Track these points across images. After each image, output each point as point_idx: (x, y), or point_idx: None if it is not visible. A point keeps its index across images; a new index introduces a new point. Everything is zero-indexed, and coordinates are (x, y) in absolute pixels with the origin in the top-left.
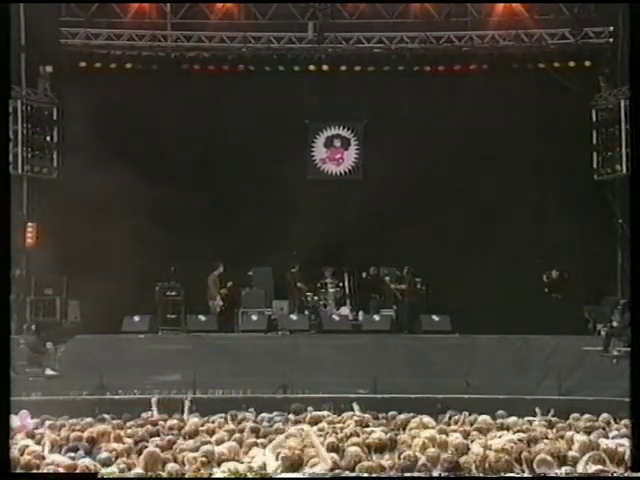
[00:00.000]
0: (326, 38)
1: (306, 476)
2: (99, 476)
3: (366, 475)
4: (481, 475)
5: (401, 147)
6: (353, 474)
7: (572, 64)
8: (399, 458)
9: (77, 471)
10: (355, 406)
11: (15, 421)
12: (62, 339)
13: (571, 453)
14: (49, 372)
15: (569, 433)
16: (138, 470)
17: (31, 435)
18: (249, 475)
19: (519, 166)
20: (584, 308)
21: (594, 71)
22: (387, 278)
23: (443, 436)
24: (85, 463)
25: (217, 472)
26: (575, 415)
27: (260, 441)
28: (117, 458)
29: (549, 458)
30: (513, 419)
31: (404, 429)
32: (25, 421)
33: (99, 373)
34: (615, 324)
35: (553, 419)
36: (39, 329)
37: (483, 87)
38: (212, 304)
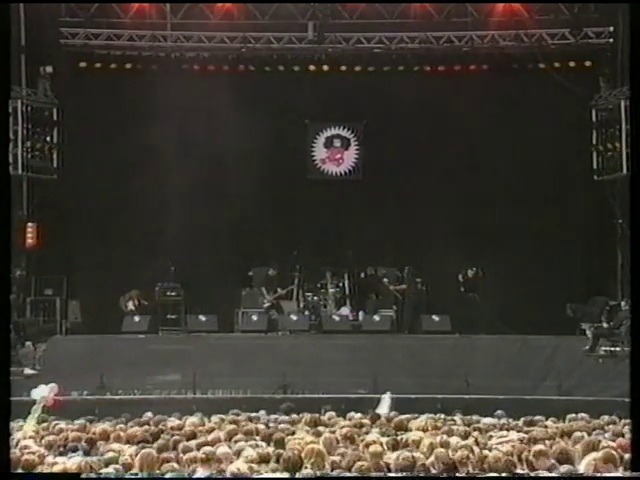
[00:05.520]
0: (326, 38)
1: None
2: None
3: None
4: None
5: (401, 147)
6: (352, 474)
7: (572, 64)
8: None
9: (78, 470)
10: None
11: (45, 390)
12: (42, 338)
13: (571, 453)
14: (28, 371)
15: (568, 433)
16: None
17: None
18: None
19: (519, 166)
20: (567, 306)
21: (594, 71)
22: (385, 280)
23: (444, 437)
24: (85, 461)
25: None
26: (574, 415)
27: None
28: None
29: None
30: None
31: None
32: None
33: (80, 373)
34: (605, 325)
35: (552, 419)
36: (16, 328)
37: (483, 87)
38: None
